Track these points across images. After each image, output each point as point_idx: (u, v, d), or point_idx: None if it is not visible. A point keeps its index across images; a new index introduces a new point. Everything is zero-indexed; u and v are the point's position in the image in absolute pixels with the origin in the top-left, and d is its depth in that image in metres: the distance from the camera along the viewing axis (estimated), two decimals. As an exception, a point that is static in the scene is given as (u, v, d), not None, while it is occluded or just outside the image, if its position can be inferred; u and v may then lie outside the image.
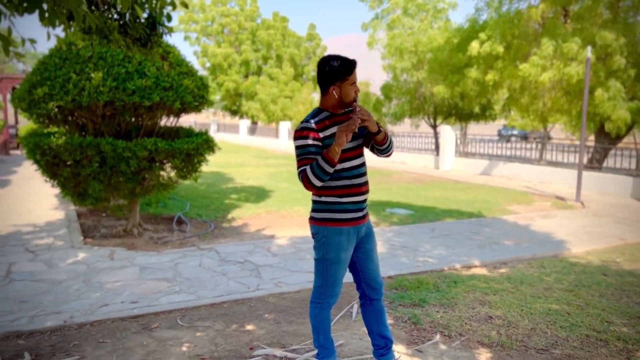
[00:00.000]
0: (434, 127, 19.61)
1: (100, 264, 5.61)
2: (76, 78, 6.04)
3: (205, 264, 5.65)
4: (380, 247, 6.40)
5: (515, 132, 37.58)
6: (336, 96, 2.78)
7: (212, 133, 40.83)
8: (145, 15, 4.78)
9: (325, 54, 39.96)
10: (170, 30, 4.85)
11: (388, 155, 2.96)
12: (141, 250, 6.25)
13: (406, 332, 3.85)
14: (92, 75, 6.08)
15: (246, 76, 35.89)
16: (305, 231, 7.29)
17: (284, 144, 27.34)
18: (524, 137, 33.82)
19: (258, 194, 10.55)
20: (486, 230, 7.51)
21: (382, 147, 2.88)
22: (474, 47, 14.10)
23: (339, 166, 2.80)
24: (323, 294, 2.96)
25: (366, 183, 2.92)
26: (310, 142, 2.75)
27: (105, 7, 4.33)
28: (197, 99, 6.64)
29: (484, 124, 23.52)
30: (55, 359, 3.39)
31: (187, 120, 54.01)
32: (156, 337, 3.77)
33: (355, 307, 4.33)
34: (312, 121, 2.78)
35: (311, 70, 36.16)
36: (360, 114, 2.69)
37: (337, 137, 2.64)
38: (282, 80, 33.64)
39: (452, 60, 16.11)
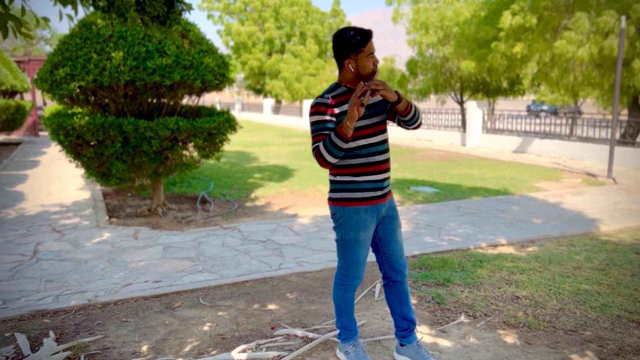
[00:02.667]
0: (461, 103, 19.21)
1: (124, 244, 5.66)
2: (97, 58, 6.03)
3: (228, 243, 5.65)
4: (404, 226, 6.30)
5: (545, 107, 36.70)
6: (352, 70, 2.64)
7: (236, 112, 40.94)
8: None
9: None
10: (189, 7, 4.78)
11: (416, 127, 2.76)
12: (165, 229, 6.28)
13: (430, 312, 3.77)
14: (113, 54, 6.06)
15: (270, 54, 35.69)
16: (328, 210, 7.23)
17: (308, 122, 27.20)
18: (554, 113, 33.00)
19: (281, 173, 10.52)
20: (513, 208, 7.34)
21: (406, 117, 2.68)
22: (506, 18, 13.67)
23: (353, 143, 2.67)
24: (345, 276, 2.87)
25: (386, 161, 2.77)
26: (326, 117, 2.63)
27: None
28: (218, 78, 6.57)
29: (513, 100, 22.94)
30: (79, 338, 3.42)
31: (212, 99, 54.31)
32: (178, 316, 3.78)
33: (378, 287, 4.27)
34: (328, 96, 2.65)
35: (334, 47, 35.70)
36: (374, 83, 2.50)
37: (349, 110, 2.51)
38: (306, 58, 33.35)
39: (479, 34, 15.68)
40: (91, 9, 5.62)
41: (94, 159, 6.40)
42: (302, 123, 27.74)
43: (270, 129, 26.09)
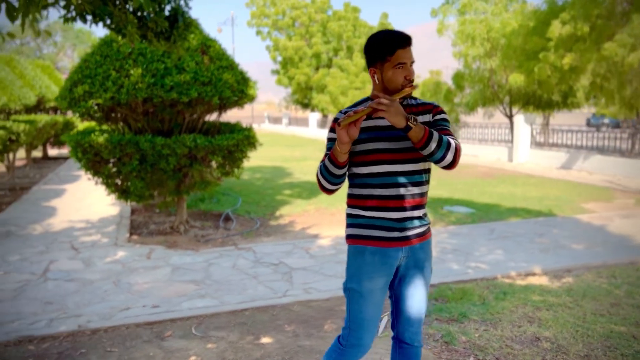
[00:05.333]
0: (510, 116, 18.43)
1: (135, 264, 5.55)
2: (116, 75, 6.01)
3: (239, 265, 5.43)
4: (429, 250, 5.90)
5: (606, 120, 34.86)
6: (377, 81, 2.19)
7: (283, 126, 41.22)
8: (169, 7, 4.60)
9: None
10: (191, 21, 4.64)
11: (445, 166, 2.12)
12: (180, 249, 6.14)
13: (435, 353, 3.39)
14: (132, 71, 6.02)
15: (317, 69, 35.76)
16: (352, 230, 6.91)
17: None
18: (617, 126, 31.23)
19: (311, 190, 10.27)
20: (553, 231, 6.77)
21: (423, 151, 2.08)
22: (555, 28, 12.99)
23: (364, 169, 2.20)
24: (347, 338, 2.30)
25: (415, 196, 2.21)
26: (336, 135, 2.20)
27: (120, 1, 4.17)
28: (237, 94, 6.42)
29: (570, 113, 21.81)
30: (56, 369, 3.26)
31: (261, 114, 55.07)
32: (165, 348, 3.56)
33: (385, 321, 3.92)
34: (347, 111, 2.24)
35: (382, 60, 35.40)
36: (377, 101, 2.02)
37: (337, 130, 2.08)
38: (352, 72, 33.18)
39: (527, 45, 15.01)
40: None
41: (113, 176, 6.37)
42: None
43: (313, 143, 25.98)
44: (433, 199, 9.20)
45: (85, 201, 9.38)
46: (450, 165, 2.11)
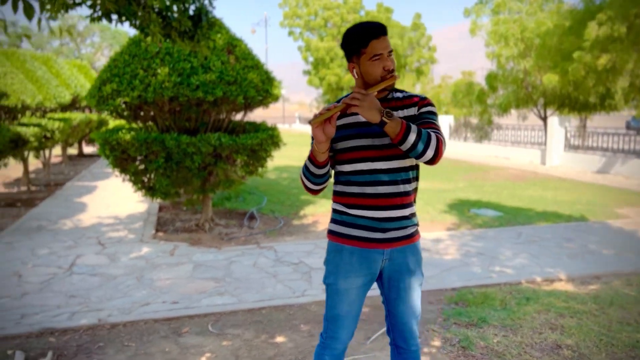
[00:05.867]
0: (544, 118, 18.00)
1: (158, 260, 5.63)
2: (143, 74, 6.11)
3: (260, 264, 5.44)
4: (454, 253, 5.81)
5: (646, 123, 33.73)
6: (357, 76, 2.12)
7: (315, 127, 41.16)
8: (192, 7, 4.65)
9: (431, 43, 38.23)
10: (215, 21, 4.68)
11: (427, 161, 2.01)
12: (204, 246, 6.20)
13: (451, 358, 3.33)
14: (159, 70, 6.11)
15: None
16: (376, 231, 6.86)
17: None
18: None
19: (337, 190, 10.23)
20: (583, 236, 6.58)
21: (401, 146, 1.99)
22: (592, 29, 12.63)
23: (350, 167, 2.13)
24: (325, 330, 2.28)
25: (399, 195, 2.13)
26: None
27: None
28: (261, 93, 6.44)
29: (608, 115, 21.18)
30: (74, 361, 3.33)
31: (292, 113, 55.28)
32: (181, 344, 3.59)
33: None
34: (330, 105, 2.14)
35: (414, 61, 35.12)
36: (350, 96, 1.95)
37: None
38: (383, 73, 32.98)
39: (562, 45, 14.63)
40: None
41: (140, 173, 6.48)
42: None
43: (344, 143, 25.95)
44: (461, 200, 9.06)
45: (115, 198, 9.58)
46: (432, 160, 2.01)
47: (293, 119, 52.19)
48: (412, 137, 1.96)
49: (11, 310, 4.21)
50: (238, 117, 7.36)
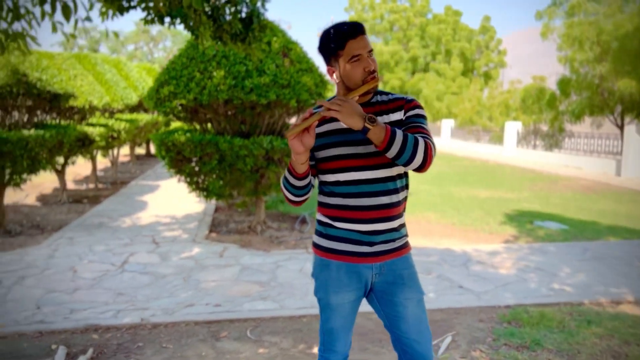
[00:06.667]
0: (621, 127, 16.93)
1: (207, 261, 5.67)
2: (199, 77, 6.20)
3: (306, 269, 5.36)
4: (510, 268, 5.49)
5: None
6: (337, 79, 1.99)
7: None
8: (245, 10, 4.65)
9: (501, 47, 36.97)
10: (267, 23, 4.64)
11: (414, 167, 1.87)
12: (253, 248, 6.20)
13: (497, 383, 3.10)
14: (214, 73, 6.18)
15: (413, 73, 35.20)
16: (429, 241, 6.63)
17: (446, 142, 26.21)
18: None
19: (393, 197, 10.01)
20: (658, 256, 6.05)
21: (386, 153, 1.85)
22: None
23: (332, 177, 2.00)
24: (322, 344, 2.17)
25: (385, 207, 1.99)
26: None
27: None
28: (314, 97, 6.38)
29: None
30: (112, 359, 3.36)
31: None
32: (218, 348, 3.56)
33: (447, 342, 3.66)
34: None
35: (482, 65, 34.14)
36: (328, 104, 1.81)
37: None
38: (449, 76, 32.30)
39: (643, 48, 13.70)
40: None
41: (194, 174, 6.58)
42: (440, 143, 26.78)
43: (406, 149, 25.55)
44: (523, 212, 8.62)
45: (174, 198, 9.82)
46: (421, 168, 1.86)
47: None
48: (398, 143, 1.82)
49: (63, 305, 4.34)
50: (292, 120, 7.33)
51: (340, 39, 1.92)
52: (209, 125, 6.94)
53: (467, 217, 8.14)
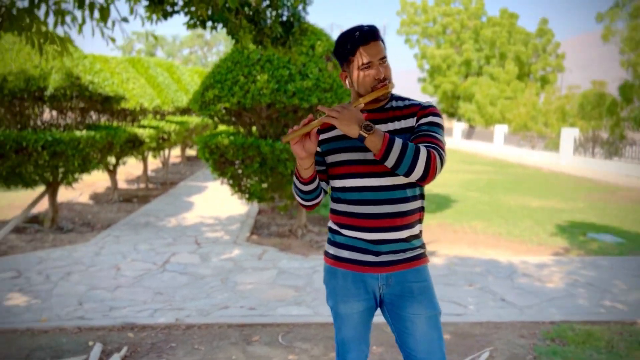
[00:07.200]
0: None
1: (246, 263, 5.70)
2: (243, 80, 6.25)
3: (344, 276, 5.29)
4: (558, 282, 5.24)
5: None
6: (349, 86, 1.98)
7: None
8: (286, 13, 4.65)
9: (559, 50, 35.70)
10: (307, 27, 4.63)
11: (415, 179, 1.79)
12: (292, 252, 6.19)
13: (534, 404, 2.94)
14: (258, 77, 6.22)
15: (466, 77, 34.48)
16: (474, 251, 6.42)
17: (498, 149, 25.49)
18: None
19: (439, 203, 9.80)
20: None
21: (385, 164, 1.79)
22: None
23: (339, 183, 1.97)
24: (337, 354, 2.13)
25: (393, 215, 1.92)
26: None
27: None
28: (357, 101, 6.31)
29: None
30: (145, 359, 3.41)
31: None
32: (248, 352, 3.55)
33: (485, 356, 3.51)
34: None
35: (539, 69, 33.05)
36: (330, 109, 1.79)
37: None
38: (503, 80, 31.43)
39: None
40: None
41: (237, 177, 6.64)
42: (492, 149, 26.06)
43: (455, 154, 24.99)
44: (577, 223, 8.23)
45: (220, 199, 9.97)
46: (423, 179, 1.77)
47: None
48: (395, 152, 1.76)
49: (103, 302, 4.46)
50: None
51: (351, 45, 1.89)
52: (254, 128, 7.00)
53: (516, 227, 7.85)
